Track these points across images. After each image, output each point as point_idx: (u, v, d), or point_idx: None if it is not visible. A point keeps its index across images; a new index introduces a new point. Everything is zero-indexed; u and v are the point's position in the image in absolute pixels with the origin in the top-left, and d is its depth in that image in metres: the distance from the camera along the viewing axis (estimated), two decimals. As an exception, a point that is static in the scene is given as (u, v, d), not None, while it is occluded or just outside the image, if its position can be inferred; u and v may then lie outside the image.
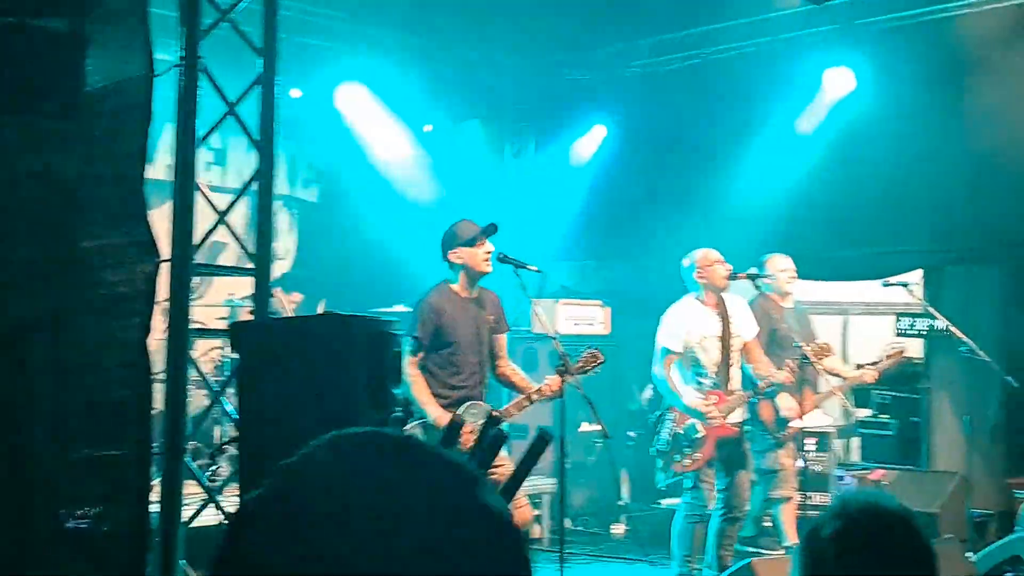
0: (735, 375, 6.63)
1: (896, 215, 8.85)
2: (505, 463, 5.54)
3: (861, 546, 1.67)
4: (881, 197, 8.88)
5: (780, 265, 7.21)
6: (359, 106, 9.90)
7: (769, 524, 7.54)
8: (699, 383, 6.53)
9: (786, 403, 6.80)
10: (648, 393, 9.41)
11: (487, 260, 5.67)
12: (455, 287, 5.73)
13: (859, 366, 8.07)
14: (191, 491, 4.75)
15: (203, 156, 9.05)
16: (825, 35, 8.98)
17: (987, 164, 8.25)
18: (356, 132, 10.10)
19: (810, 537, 1.72)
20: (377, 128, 10.14)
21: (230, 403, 5.92)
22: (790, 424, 6.83)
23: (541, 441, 3.70)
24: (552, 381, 5.68)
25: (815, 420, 6.90)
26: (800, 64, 9.22)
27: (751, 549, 7.29)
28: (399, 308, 8.68)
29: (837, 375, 7.28)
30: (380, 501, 0.78)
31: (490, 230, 5.72)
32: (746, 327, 6.67)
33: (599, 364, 6.02)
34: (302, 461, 0.85)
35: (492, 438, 3.69)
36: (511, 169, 11.45)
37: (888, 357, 7.48)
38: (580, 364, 5.92)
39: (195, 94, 4.26)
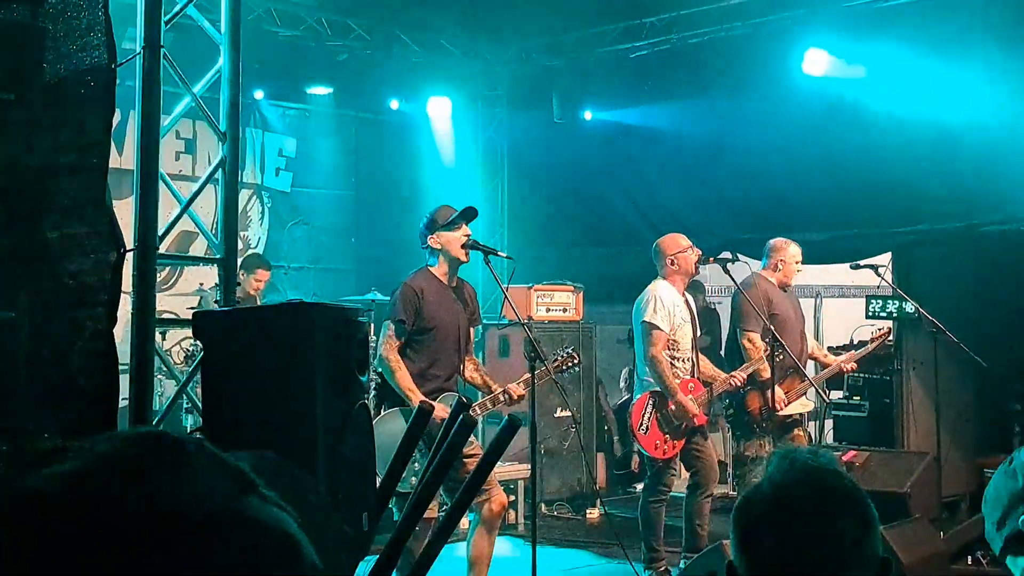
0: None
1: (865, 198, 8.91)
2: (477, 450, 5.55)
3: (799, 516, 1.66)
4: (850, 180, 8.94)
5: (793, 253, 7.09)
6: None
7: None
8: (673, 366, 6.53)
9: (777, 395, 6.79)
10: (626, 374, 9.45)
11: (463, 246, 5.67)
12: (436, 271, 5.72)
13: (831, 349, 8.10)
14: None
15: (173, 146, 9.07)
16: (795, 19, 9.00)
17: (956, 146, 8.31)
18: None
19: (745, 508, 1.72)
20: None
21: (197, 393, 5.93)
22: (778, 414, 6.81)
23: (510, 428, 3.70)
24: (515, 389, 5.67)
25: (799, 407, 6.90)
26: (770, 48, 9.25)
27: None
28: (372, 296, 8.68)
29: (824, 364, 7.28)
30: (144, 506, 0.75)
31: (469, 214, 5.71)
32: (699, 325, 6.73)
33: (575, 365, 6.06)
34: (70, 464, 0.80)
35: (461, 424, 3.68)
36: (485, 154, 11.45)
37: (872, 341, 7.47)
38: (557, 364, 5.94)
39: (158, 83, 4.23)
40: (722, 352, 7.55)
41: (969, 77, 8.16)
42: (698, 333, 6.66)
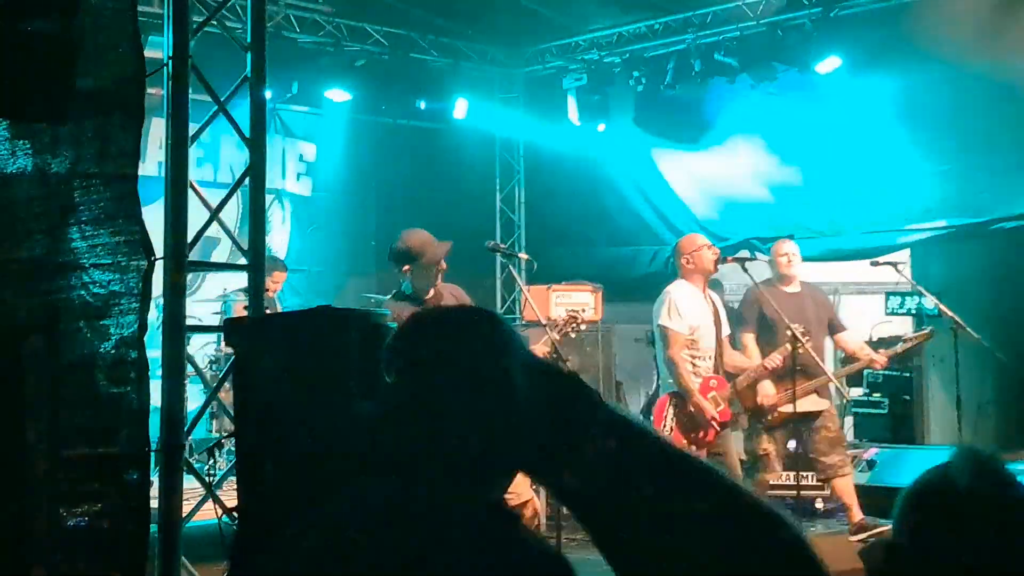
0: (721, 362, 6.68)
1: (884, 195, 8.91)
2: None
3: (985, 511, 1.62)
4: (869, 178, 8.95)
5: (780, 250, 7.19)
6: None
7: None
8: (695, 366, 6.53)
9: (764, 390, 6.81)
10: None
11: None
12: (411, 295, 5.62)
13: (871, 344, 8.00)
14: (190, 487, 4.79)
15: (194, 152, 9.09)
16: (808, 18, 9.02)
17: (972, 142, 8.31)
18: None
19: (928, 492, 1.68)
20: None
21: (225, 398, 5.97)
22: (779, 410, 6.81)
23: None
24: None
25: (809, 405, 6.87)
26: (785, 48, 9.26)
27: None
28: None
29: (853, 356, 7.27)
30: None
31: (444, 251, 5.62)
32: (724, 322, 6.69)
33: (577, 324, 6.18)
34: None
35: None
36: (502, 156, 11.50)
37: (907, 340, 7.37)
38: (559, 327, 6.05)
39: (186, 94, 4.28)
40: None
41: (985, 72, 8.16)
42: (723, 331, 6.63)
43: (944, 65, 8.31)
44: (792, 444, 7.14)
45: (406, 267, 5.61)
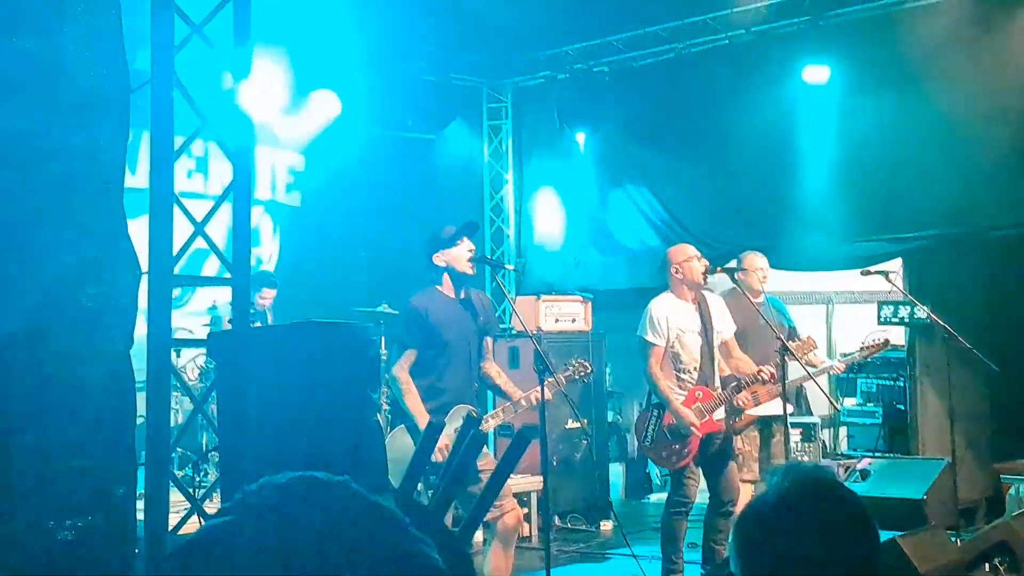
0: (717, 371, 6.69)
1: (874, 204, 8.92)
2: (490, 463, 5.58)
3: (803, 523, 1.66)
4: (859, 186, 8.95)
5: (756, 264, 7.31)
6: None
7: None
8: (679, 379, 6.57)
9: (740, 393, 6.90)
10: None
11: (470, 260, 5.72)
12: (441, 288, 5.77)
13: (842, 355, 8.12)
14: (176, 500, 4.78)
15: (184, 164, 9.13)
16: (797, 27, 9.04)
17: (963, 150, 8.32)
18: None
19: (749, 513, 1.73)
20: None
21: (215, 411, 5.96)
22: (745, 412, 6.92)
23: (520, 441, 3.74)
24: (535, 393, 5.71)
25: (771, 409, 6.96)
26: (775, 56, 9.29)
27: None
28: (384, 308, 8.73)
29: (811, 365, 7.36)
30: (317, 546, 0.82)
31: (470, 228, 5.76)
32: (726, 324, 6.73)
33: (588, 374, 6.10)
34: (247, 500, 0.89)
35: (470, 440, 3.73)
36: (491, 168, 11.51)
37: (862, 348, 7.55)
38: (569, 373, 5.99)
39: (170, 112, 4.29)
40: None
41: (975, 81, 8.18)
42: (724, 335, 6.68)
43: (936, 73, 8.34)
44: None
45: (436, 255, 5.72)
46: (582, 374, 6.08)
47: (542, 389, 5.56)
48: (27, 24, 3.84)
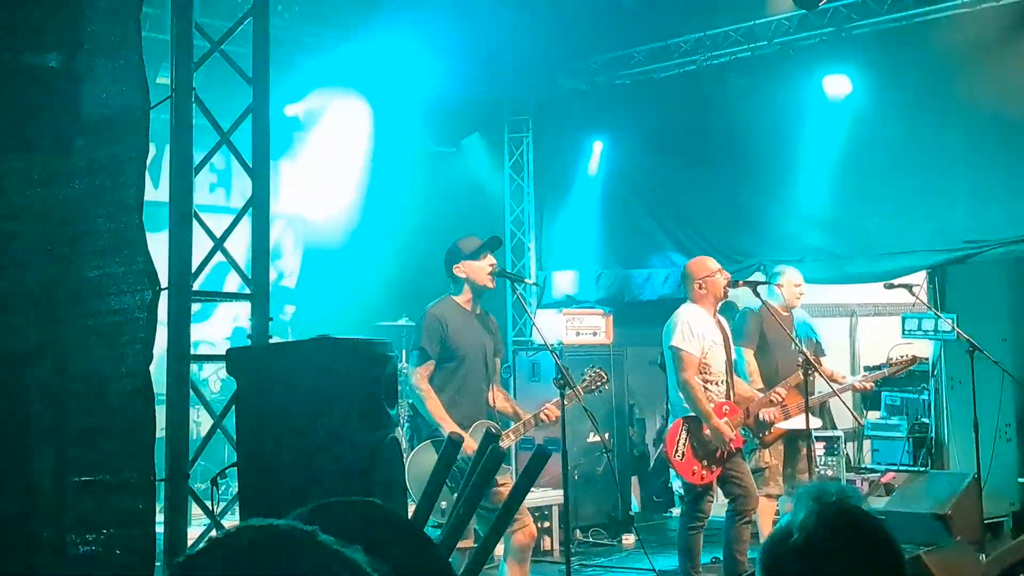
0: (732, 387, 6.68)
1: (898, 217, 8.85)
2: (509, 479, 5.56)
3: (829, 554, 1.66)
4: (883, 199, 8.89)
5: (794, 280, 7.26)
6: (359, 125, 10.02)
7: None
8: (706, 390, 6.52)
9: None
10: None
11: (491, 274, 5.72)
12: (459, 299, 5.77)
13: (866, 368, 8.06)
14: (196, 514, 4.80)
15: (206, 178, 9.18)
16: (820, 38, 9.00)
17: (987, 162, 8.25)
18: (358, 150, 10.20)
19: (775, 544, 1.72)
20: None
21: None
22: (775, 426, 6.87)
23: (539, 457, 3.71)
24: (551, 410, 5.68)
25: (799, 423, 6.91)
26: (796, 68, 9.25)
27: None
28: (405, 322, 8.75)
29: (836, 382, 7.31)
30: None
31: (493, 244, 5.76)
32: (732, 343, 6.74)
33: (604, 383, 6.06)
34: (203, 554, 0.88)
35: (491, 455, 3.70)
36: (512, 181, 11.51)
37: (892, 365, 7.45)
38: (585, 383, 5.95)
39: (189, 128, 4.32)
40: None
41: (998, 93, 8.11)
42: (732, 356, 6.65)
43: (958, 85, 8.28)
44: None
45: (457, 267, 5.74)
46: (598, 384, 6.04)
47: (562, 402, 5.54)
48: (49, 41, 3.87)
